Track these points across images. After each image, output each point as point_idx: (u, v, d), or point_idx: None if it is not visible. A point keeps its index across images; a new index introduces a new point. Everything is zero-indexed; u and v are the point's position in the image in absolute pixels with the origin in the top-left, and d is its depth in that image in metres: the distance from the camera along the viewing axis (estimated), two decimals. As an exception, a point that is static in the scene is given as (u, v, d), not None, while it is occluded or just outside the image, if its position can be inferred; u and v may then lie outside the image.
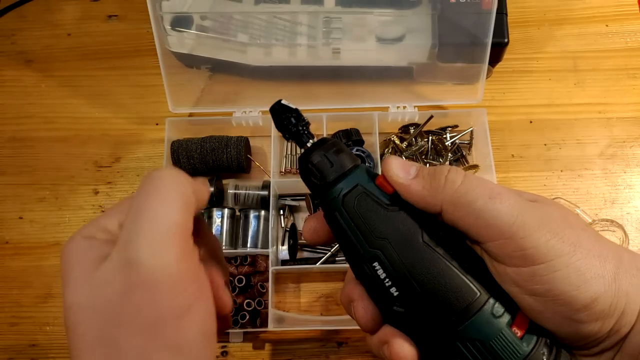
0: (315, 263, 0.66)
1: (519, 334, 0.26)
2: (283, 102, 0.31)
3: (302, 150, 0.31)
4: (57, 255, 0.68)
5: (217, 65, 0.72)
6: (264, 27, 0.69)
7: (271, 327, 0.60)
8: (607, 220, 0.68)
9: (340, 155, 0.30)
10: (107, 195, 0.71)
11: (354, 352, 0.63)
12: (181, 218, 0.26)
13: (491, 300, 0.27)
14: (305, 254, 0.69)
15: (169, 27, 0.68)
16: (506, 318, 0.26)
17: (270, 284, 0.62)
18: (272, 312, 0.61)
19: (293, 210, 0.71)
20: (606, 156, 0.72)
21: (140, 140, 0.74)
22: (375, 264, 0.28)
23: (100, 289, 0.25)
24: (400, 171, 0.29)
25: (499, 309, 0.26)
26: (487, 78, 0.70)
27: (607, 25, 0.79)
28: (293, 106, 0.31)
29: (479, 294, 0.26)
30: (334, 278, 0.67)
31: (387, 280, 0.28)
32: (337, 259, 0.67)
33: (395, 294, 0.28)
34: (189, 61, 0.72)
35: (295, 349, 0.63)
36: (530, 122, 0.74)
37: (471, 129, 0.72)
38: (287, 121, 0.31)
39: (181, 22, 0.68)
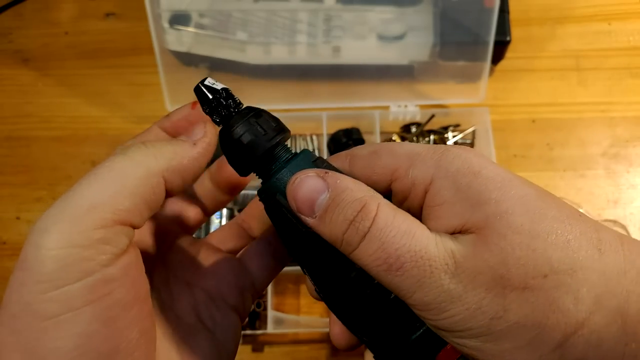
0: (315, 264, 0.65)
1: None
2: (210, 83, 0.26)
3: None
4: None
5: (216, 63, 0.72)
6: (263, 25, 0.68)
7: (270, 329, 0.59)
8: (610, 220, 0.67)
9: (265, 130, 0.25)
10: (105, 195, 0.71)
11: (355, 355, 0.62)
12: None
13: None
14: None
15: (167, 25, 0.67)
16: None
17: (269, 286, 0.62)
18: (271, 313, 0.60)
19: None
20: (609, 156, 0.71)
21: (138, 139, 0.73)
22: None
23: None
24: (304, 207, 0.23)
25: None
26: (488, 76, 0.70)
27: (609, 24, 0.78)
28: (220, 86, 0.26)
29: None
30: (334, 279, 0.66)
31: (313, 282, 0.26)
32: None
33: (321, 295, 0.26)
34: (187, 60, 0.72)
35: (295, 351, 0.63)
36: (533, 121, 0.73)
37: (473, 128, 0.71)
38: (222, 106, 0.25)
39: (179, 19, 0.68)
